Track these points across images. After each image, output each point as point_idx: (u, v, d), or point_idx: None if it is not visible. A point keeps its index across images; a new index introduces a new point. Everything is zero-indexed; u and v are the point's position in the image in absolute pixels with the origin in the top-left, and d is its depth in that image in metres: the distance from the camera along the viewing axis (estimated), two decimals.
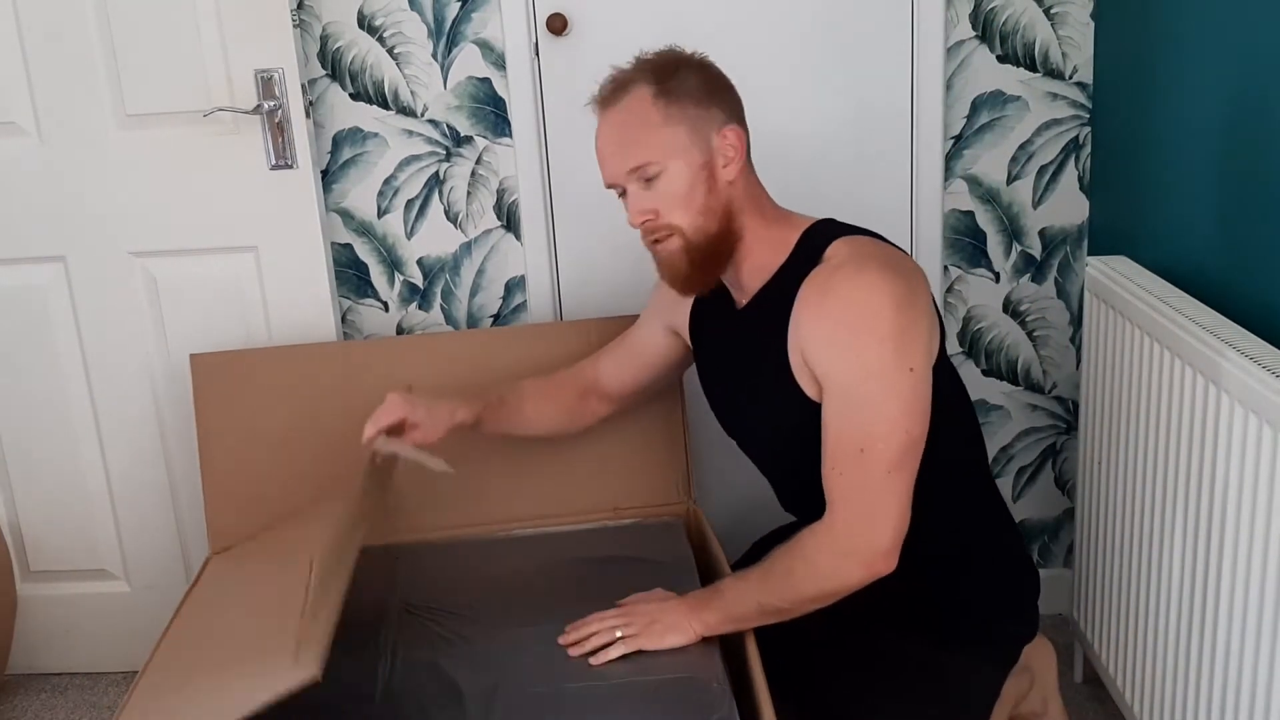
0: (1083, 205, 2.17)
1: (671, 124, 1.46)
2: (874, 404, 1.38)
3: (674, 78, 1.47)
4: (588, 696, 1.43)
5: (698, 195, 1.47)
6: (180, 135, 2.05)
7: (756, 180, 1.55)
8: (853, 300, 1.39)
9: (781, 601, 1.45)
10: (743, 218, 1.50)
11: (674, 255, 1.50)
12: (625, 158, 1.48)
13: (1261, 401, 1.36)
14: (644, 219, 1.49)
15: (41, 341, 2.18)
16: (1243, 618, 1.43)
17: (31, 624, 2.31)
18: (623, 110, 1.48)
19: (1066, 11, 2.07)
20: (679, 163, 1.46)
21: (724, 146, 1.47)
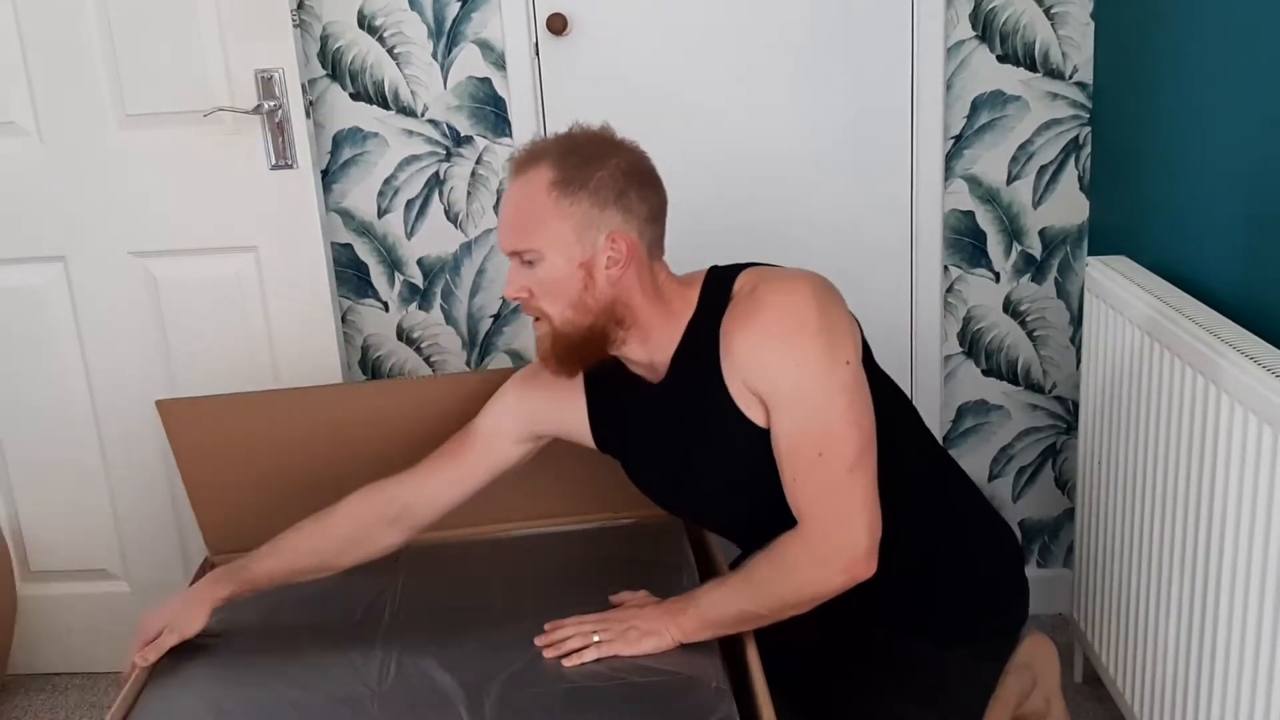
0: (1083, 205, 2.17)
1: (560, 218, 1.43)
2: (820, 405, 1.39)
3: (580, 169, 1.44)
4: (587, 697, 1.43)
5: (571, 290, 1.45)
6: (180, 135, 2.05)
7: (658, 271, 1.51)
8: (777, 308, 1.41)
9: (760, 608, 1.45)
10: (628, 310, 1.48)
11: (543, 339, 1.51)
12: (510, 237, 1.48)
13: (1261, 401, 1.36)
14: (518, 296, 1.49)
15: (42, 341, 2.18)
16: (1243, 617, 1.43)
17: (32, 624, 2.31)
18: (521, 187, 1.46)
19: (1066, 11, 2.07)
20: (559, 257, 1.44)
21: (609, 250, 1.44)
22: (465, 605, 1.68)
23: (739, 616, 1.47)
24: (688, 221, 2.21)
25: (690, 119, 2.14)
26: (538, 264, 1.45)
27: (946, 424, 2.28)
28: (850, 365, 1.41)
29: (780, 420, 1.42)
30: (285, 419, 1.90)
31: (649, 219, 1.47)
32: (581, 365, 1.53)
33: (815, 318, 1.40)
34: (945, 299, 2.21)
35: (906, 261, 2.19)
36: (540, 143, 1.49)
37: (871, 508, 1.40)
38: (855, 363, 1.42)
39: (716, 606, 1.48)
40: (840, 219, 2.17)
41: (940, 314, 2.21)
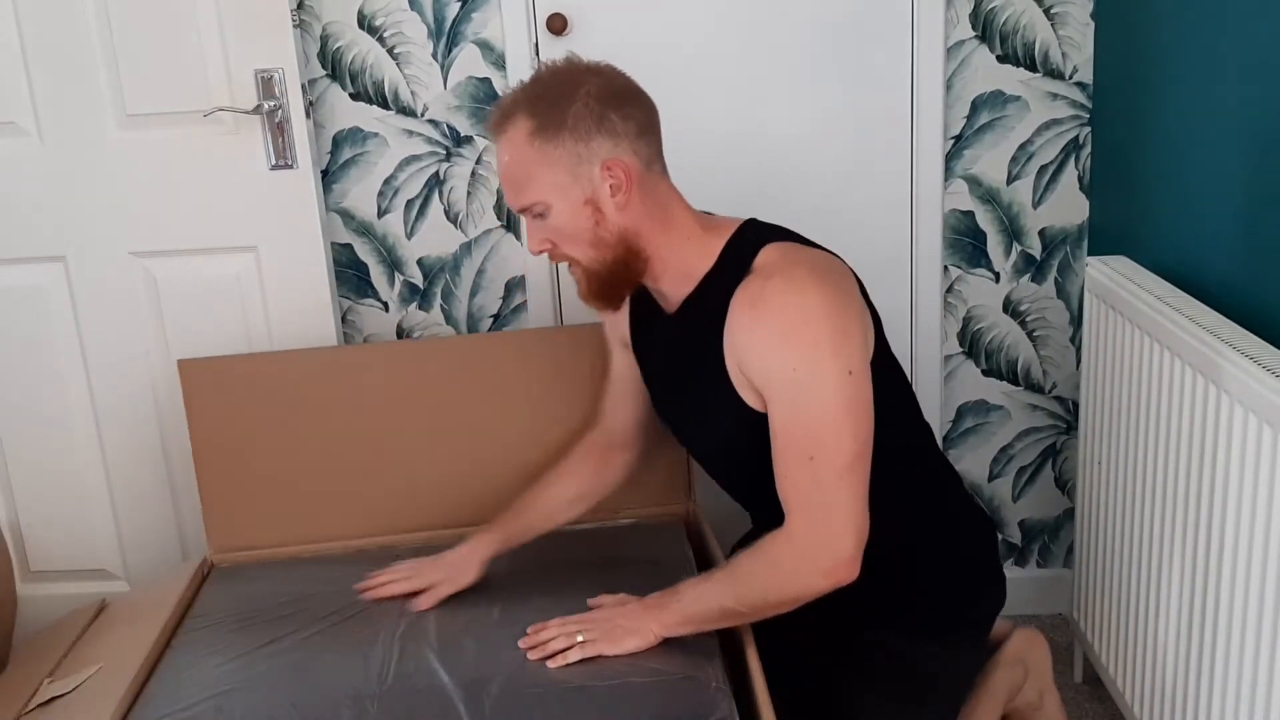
0: (1082, 205, 2.17)
1: (549, 163, 1.43)
2: (817, 410, 1.38)
3: (555, 108, 1.43)
4: (586, 697, 1.43)
5: (585, 230, 1.46)
6: (180, 135, 2.05)
7: (666, 193, 1.51)
8: (785, 308, 1.40)
9: (742, 605, 1.45)
10: (645, 239, 1.48)
11: (579, 280, 1.53)
12: (512, 197, 1.49)
13: (1261, 401, 1.36)
14: (541, 249, 1.51)
15: (41, 341, 2.18)
16: (1243, 618, 1.43)
17: (32, 624, 2.30)
18: (505, 147, 1.46)
19: (1066, 11, 2.07)
20: (562, 202, 1.45)
21: (608, 178, 1.44)
22: (466, 605, 1.68)
23: (721, 613, 1.47)
24: None
25: (690, 119, 2.13)
26: (547, 214, 1.46)
27: (946, 424, 2.28)
28: (854, 375, 1.39)
29: (775, 416, 1.42)
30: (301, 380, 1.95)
31: (638, 135, 1.46)
32: (618, 298, 1.55)
33: (821, 327, 1.38)
34: (945, 299, 2.21)
35: (906, 261, 2.19)
36: (509, 96, 1.48)
37: (860, 514, 1.39)
38: (860, 371, 1.40)
39: (698, 602, 1.48)
40: (840, 219, 2.17)
41: (940, 314, 2.21)
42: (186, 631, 1.71)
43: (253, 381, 1.95)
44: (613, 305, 1.55)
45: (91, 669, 1.65)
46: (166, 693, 1.55)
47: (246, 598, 1.78)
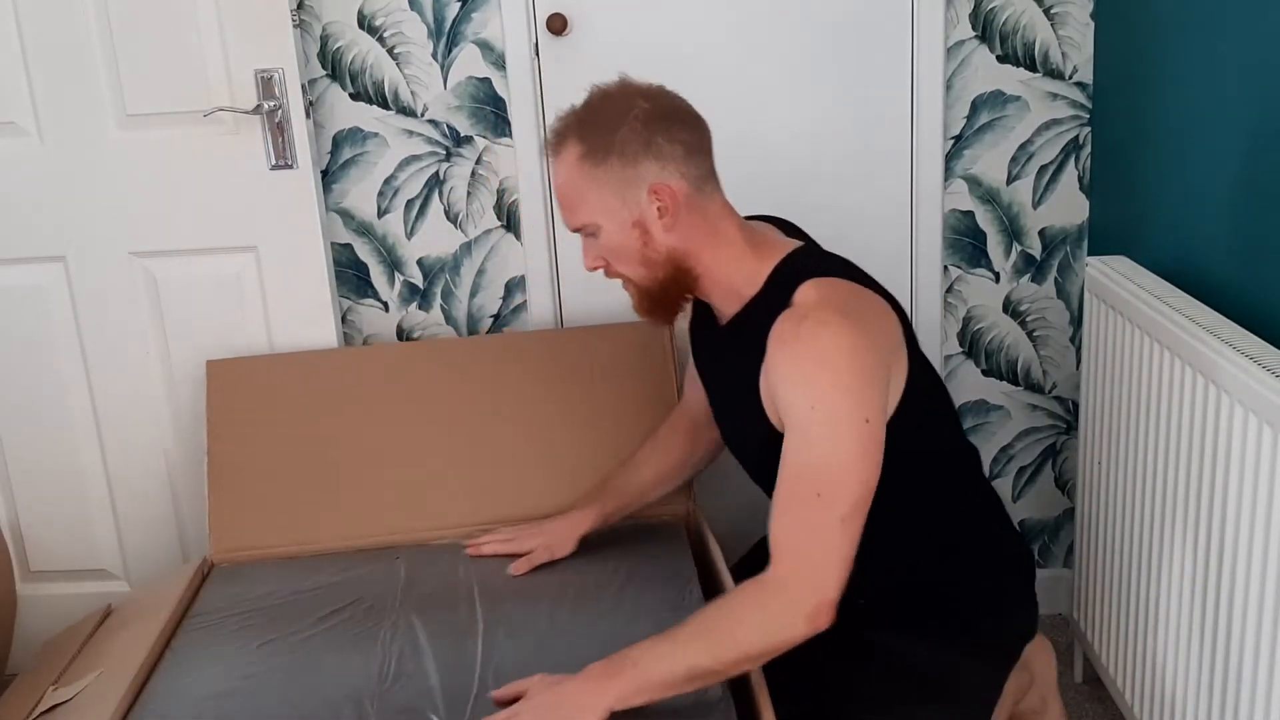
0: (1082, 205, 2.17)
1: (598, 187, 1.47)
2: (829, 450, 1.38)
3: (604, 133, 1.46)
4: None
5: (633, 250, 1.49)
6: (180, 135, 2.05)
7: (717, 213, 1.52)
8: (813, 350, 1.39)
9: (717, 662, 1.37)
10: (693, 259, 1.50)
11: (634, 297, 1.56)
12: (566, 217, 1.53)
13: (1261, 401, 1.36)
14: (595, 266, 1.55)
15: (41, 342, 2.18)
16: (1243, 617, 1.43)
17: (32, 624, 2.30)
18: (559, 168, 1.51)
19: (1066, 11, 2.07)
20: (611, 224, 1.48)
21: (654, 202, 1.46)
22: (466, 607, 1.68)
23: (688, 674, 1.36)
24: None
25: None
26: (598, 234, 1.50)
27: None
28: (870, 424, 1.38)
29: (787, 450, 1.41)
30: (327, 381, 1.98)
31: (686, 157, 1.48)
32: (671, 314, 1.57)
33: (845, 367, 1.37)
34: (945, 299, 2.21)
35: (906, 261, 2.19)
36: (562, 119, 1.52)
37: (850, 561, 1.37)
38: (876, 422, 1.39)
39: (660, 665, 1.36)
40: (840, 219, 2.16)
41: (940, 314, 2.21)
42: (187, 631, 1.71)
43: (274, 382, 1.96)
44: (666, 320, 1.58)
45: (92, 674, 1.65)
46: (167, 694, 1.55)
47: (247, 597, 1.78)
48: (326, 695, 1.50)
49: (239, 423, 1.96)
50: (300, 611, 1.71)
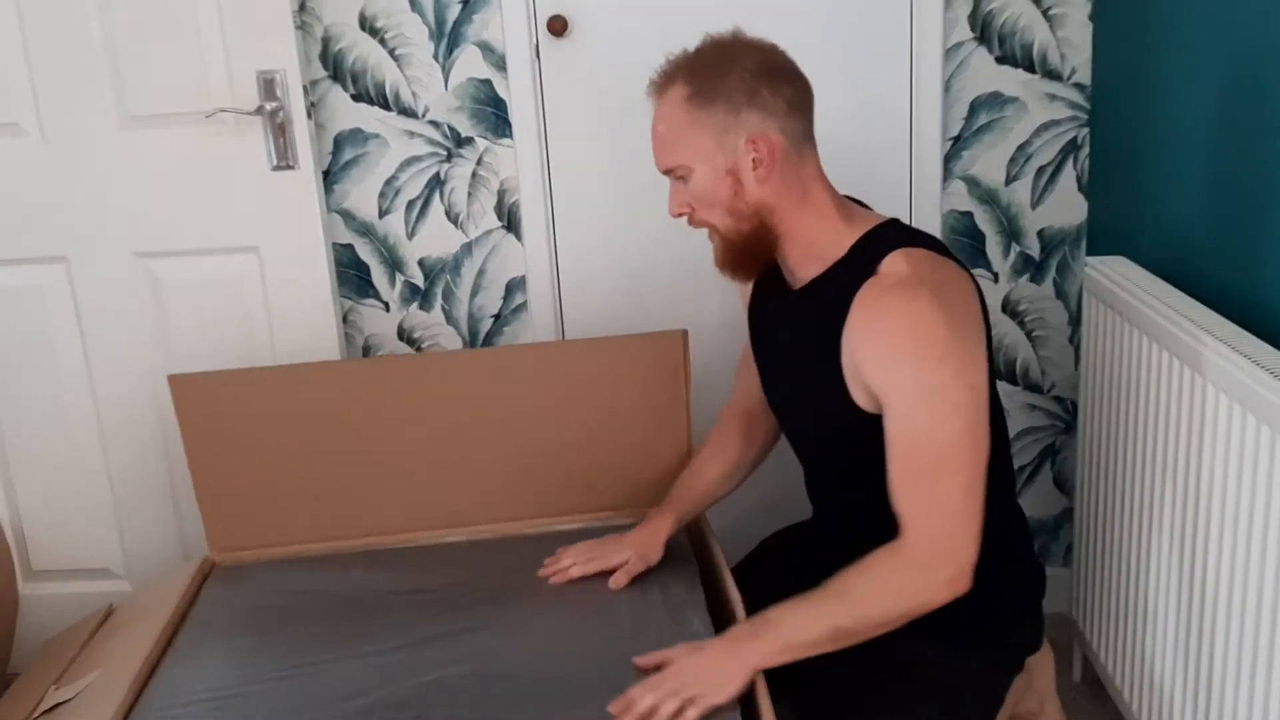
0: (1081, 206, 2.17)
1: (697, 129, 1.47)
2: (943, 424, 1.38)
3: (712, 78, 1.48)
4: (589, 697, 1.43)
5: (723, 198, 1.49)
6: (182, 136, 2.06)
7: (810, 174, 1.53)
8: (907, 324, 1.39)
9: (856, 623, 1.40)
10: (779, 216, 1.50)
11: (716, 247, 1.56)
12: (659, 157, 1.54)
13: (1259, 401, 1.36)
14: (680, 212, 1.54)
15: (43, 342, 2.19)
16: (1241, 617, 1.44)
17: (33, 624, 2.31)
18: (661, 108, 1.52)
19: (1065, 13, 2.08)
20: (705, 167, 1.48)
21: (751, 152, 1.47)
22: (469, 606, 1.68)
23: (831, 635, 1.40)
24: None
25: None
26: (689, 178, 1.50)
27: None
28: (975, 391, 1.39)
29: (896, 430, 1.41)
30: (294, 395, 1.92)
31: (787, 113, 1.49)
32: (752, 269, 1.57)
33: (944, 344, 1.38)
34: None
35: None
36: (673, 61, 1.53)
37: (980, 525, 1.38)
38: (980, 388, 1.40)
39: (802, 629, 1.41)
40: None
41: None
42: (188, 631, 1.71)
43: (244, 396, 1.92)
44: (746, 275, 1.58)
45: (93, 674, 1.65)
46: (168, 693, 1.55)
47: (247, 598, 1.78)
48: (325, 699, 1.50)
49: (215, 436, 1.91)
50: (306, 614, 1.71)
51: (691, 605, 1.62)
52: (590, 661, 1.49)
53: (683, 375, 1.91)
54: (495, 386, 1.93)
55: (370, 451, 1.91)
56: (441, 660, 1.54)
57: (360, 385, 1.95)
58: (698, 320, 2.12)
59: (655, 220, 2.19)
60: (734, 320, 2.24)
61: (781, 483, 1.80)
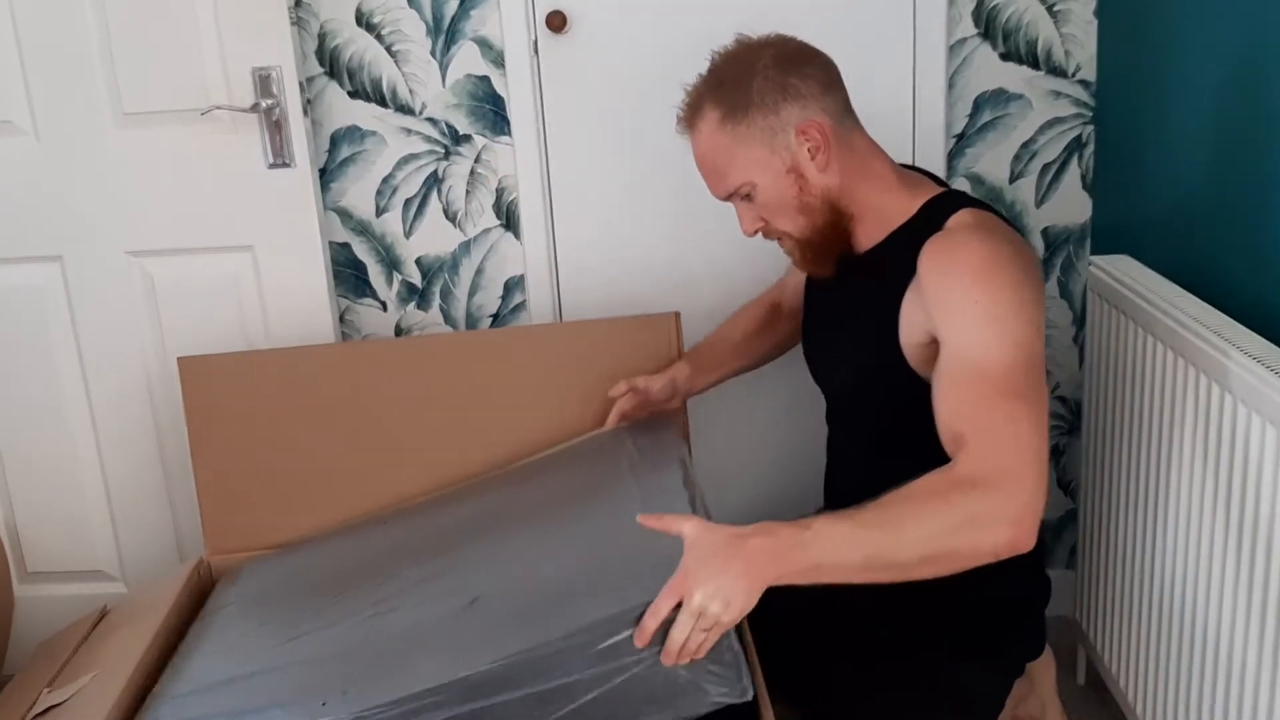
0: (1085, 204, 2.16)
1: (745, 144, 1.47)
2: (1007, 349, 1.30)
3: (738, 90, 1.46)
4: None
5: (792, 200, 1.49)
6: (177, 134, 2.05)
7: (863, 146, 1.53)
8: (979, 255, 1.37)
9: (899, 555, 1.20)
10: (850, 196, 1.50)
11: (793, 251, 1.56)
12: (716, 185, 1.52)
13: (1266, 402, 1.35)
14: (755, 229, 1.54)
15: (38, 341, 2.18)
16: (1246, 620, 1.43)
17: (29, 626, 2.30)
18: (699, 139, 1.51)
19: (1069, 9, 2.06)
20: (765, 178, 1.48)
21: (804, 143, 1.46)
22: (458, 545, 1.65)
23: (865, 564, 1.20)
24: (687, 218, 2.21)
25: None
26: (753, 194, 1.49)
27: None
28: (1037, 332, 1.34)
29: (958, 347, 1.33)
30: (301, 377, 1.94)
31: (822, 92, 1.48)
32: (833, 263, 1.56)
33: (1016, 273, 1.36)
34: None
35: None
36: (692, 91, 1.52)
37: (1046, 475, 1.24)
38: (1041, 333, 1.35)
39: (838, 549, 1.20)
40: None
41: None
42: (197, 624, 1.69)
43: (252, 379, 1.95)
44: (829, 269, 1.57)
45: (86, 677, 1.64)
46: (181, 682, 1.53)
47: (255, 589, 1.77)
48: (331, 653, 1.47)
49: (220, 421, 1.94)
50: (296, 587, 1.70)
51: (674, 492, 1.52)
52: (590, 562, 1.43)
53: (676, 356, 1.93)
54: (491, 367, 1.94)
55: (367, 434, 1.93)
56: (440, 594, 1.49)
57: (359, 367, 1.96)
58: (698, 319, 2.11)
59: (655, 219, 2.19)
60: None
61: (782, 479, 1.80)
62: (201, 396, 1.92)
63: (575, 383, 1.92)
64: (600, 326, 1.96)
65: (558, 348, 1.96)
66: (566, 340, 1.98)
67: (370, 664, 1.40)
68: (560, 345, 1.96)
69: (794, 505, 1.81)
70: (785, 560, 1.19)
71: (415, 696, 1.26)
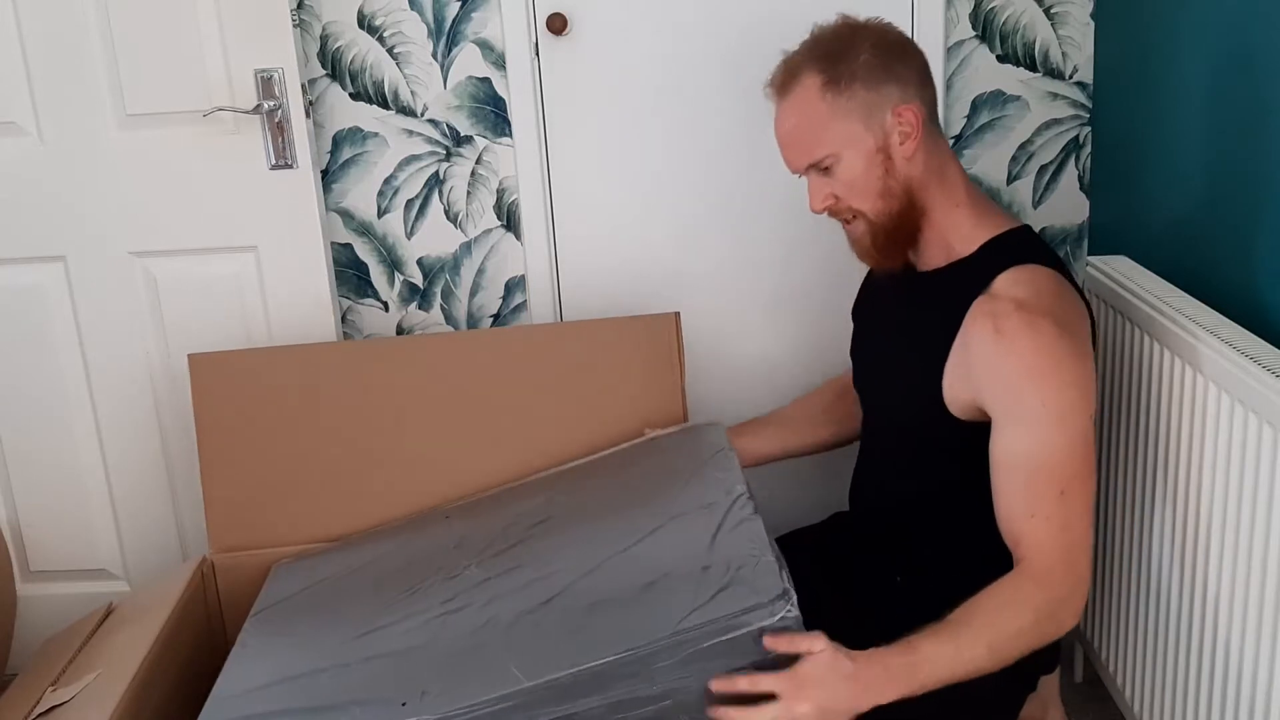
0: (1083, 205, 2.17)
1: (841, 115, 1.46)
2: (1071, 449, 1.37)
3: (843, 61, 1.46)
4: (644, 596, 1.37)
5: (874, 179, 1.47)
6: (180, 135, 2.05)
7: (944, 149, 1.53)
8: (1034, 347, 1.38)
9: (994, 662, 1.33)
10: (926, 193, 1.49)
11: (861, 236, 1.53)
12: (799, 153, 1.50)
13: (1262, 401, 1.36)
14: (825, 204, 1.51)
15: (41, 341, 2.18)
16: (1243, 616, 1.43)
17: (31, 624, 2.30)
18: (794, 103, 1.49)
19: (1066, 11, 2.07)
20: (853, 151, 1.46)
21: (898, 126, 1.46)
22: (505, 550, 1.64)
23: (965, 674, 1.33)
24: (687, 220, 2.22)
25: (690, 118, 2.14)
26: (835, 167, 1.48)
27: None
28: (1092, 421, 1.39)
29: (1018, 448, 1.39)
30: (312, 374, 1.94)
31: (920, 83, 1.49)
32: (900, 253, 1.54)
33: (1071, 370, 1.38)
34: None
35: None
36: (792, 57, 1.51)
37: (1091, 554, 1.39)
38: (1095, 417, 1.40)
39: (949, 667, 1.31)
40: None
41: None
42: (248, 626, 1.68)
43: (261, 376, 1.94)
44: (894, 260, 1.54)
45: (90, 676, 1.65)
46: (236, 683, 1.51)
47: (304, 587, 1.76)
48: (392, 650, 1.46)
49: (229, 418, 1.94)
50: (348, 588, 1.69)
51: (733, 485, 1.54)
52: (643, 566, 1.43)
53: (676, 356, 1.92)
54: (493, 367, 1.94)
55: (373, 432, 1.93)
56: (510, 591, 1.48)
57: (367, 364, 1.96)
58: (698, 319, 2.11)
59: (655, 219, 2.20)
60: (734, 319, 2.24)
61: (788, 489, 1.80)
62: (211, 393, 1.92)
63: (576, 382, 1.92)
64: (600, 326, 1.96)
65: (558, 347, 1.96)
66: (567, 340, 1.98)
67: (446, 663, 1.38)
68: (561, 345, 1.96)
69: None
70: (891, 690, 1.29)
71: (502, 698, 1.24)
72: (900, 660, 1.30)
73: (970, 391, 1.44)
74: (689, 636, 1.26)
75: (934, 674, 1.30)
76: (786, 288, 2.21)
